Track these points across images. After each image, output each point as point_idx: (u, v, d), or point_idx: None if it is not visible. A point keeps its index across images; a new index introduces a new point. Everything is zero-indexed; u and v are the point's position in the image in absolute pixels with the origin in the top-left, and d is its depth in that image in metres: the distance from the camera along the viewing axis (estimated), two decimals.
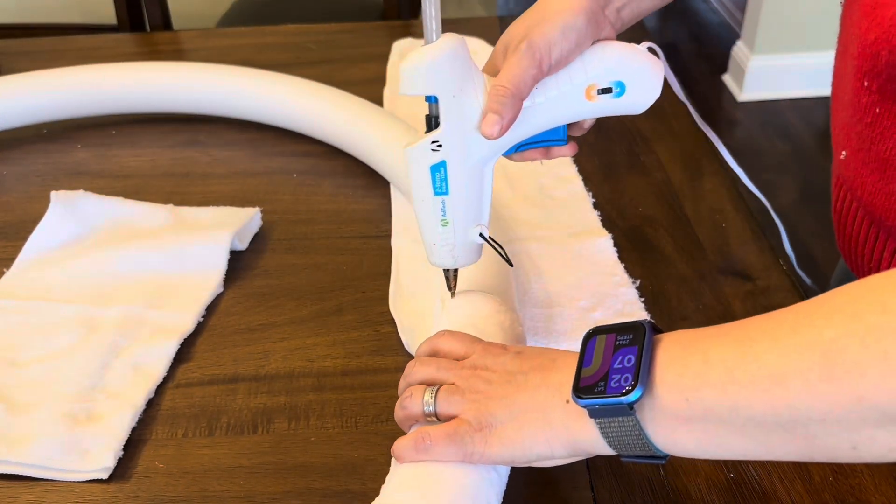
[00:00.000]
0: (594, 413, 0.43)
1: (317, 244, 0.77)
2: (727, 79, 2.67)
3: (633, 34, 0.73)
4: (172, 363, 0.64)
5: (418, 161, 0.52)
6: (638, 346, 0.43)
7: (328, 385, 0.63)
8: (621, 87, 0.53)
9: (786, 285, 0.70)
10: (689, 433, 0.42)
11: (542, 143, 0.55)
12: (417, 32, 1.19)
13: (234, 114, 0.94)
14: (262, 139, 0.94)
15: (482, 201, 0.55)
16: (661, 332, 0.45)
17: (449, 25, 1.22)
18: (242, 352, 0.66)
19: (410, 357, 0.64)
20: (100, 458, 0.56)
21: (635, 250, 0.75)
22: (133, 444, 0.58)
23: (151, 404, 0.61)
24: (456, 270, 0.58)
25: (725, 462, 0.55)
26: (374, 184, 0.85)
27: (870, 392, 0.35)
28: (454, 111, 0.51)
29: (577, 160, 0.88)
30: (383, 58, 1.08)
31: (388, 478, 0.49)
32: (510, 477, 0.51)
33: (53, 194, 0.78)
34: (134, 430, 0.59)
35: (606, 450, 0.45)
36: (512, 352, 0.50)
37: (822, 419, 0.37)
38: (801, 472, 0.54)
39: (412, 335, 0.65)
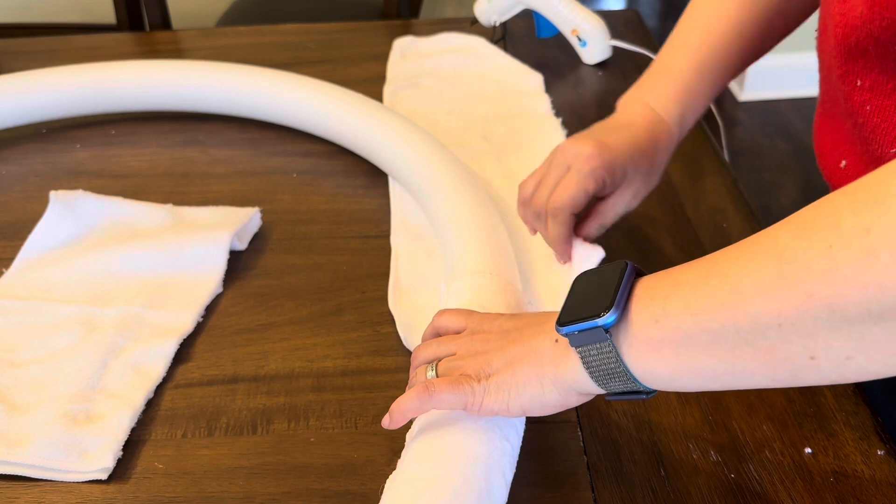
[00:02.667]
0: (574, 341, 0.46)
1: (317, 244, 0.77)
2: None
3: (633, 36, 0.73)
4: (172, 363, 0.64)
5: None
6: (616, 276, 0.46)
7: (328, 385, 0.62)
8: None
9: None
10: (662, 358, 0.43)
11: None
12: (417, 32, 1.18)
13: (234, 111, 0.94)
14: (262, 139, 0.93)
15: None
16: (644, 274, 0.47)
17: (449, 25, 1.22)
18: (242, 352, 0.66)
19: (409, 356, 0.64)
20: (99, 459, 0.56)
21: (635, 250, 0.75)
22: (132, 445, 0.58)
23: (151, 405, 0.61)
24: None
25: (726, 462, 0.55)
26: (374, 183, 0.85)
27: (818, 288, 0.36)
28: None
29: None
30: (383, 57, 1.08)
31: (402, 453, 0.51)
32: (513, 478, 0.51)
33: (53, 194, 0.77)
34: (133, 430, 0.59)
35: (590, 385, 0.47)
36: (506, 315, 0.53)
37: (778, 324, 0.38)
38: (802, 472, 0.54)
39: (410, 332, 0.65)
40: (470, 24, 1.14)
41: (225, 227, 0.75)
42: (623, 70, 1.06)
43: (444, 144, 0.81)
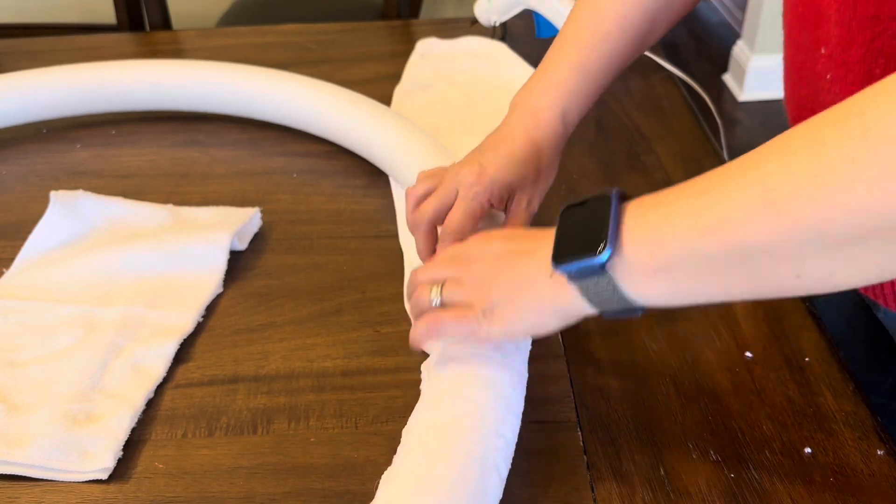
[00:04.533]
0: (572, 277, 0.48)
1: (317, 244, 0.77)
2: (727, 79, 2.67)
3: None
4: (172, 363, 0.64)
5: None
6: (606, 210, 0.47)
7: (328, 385, 0.62)
8: None
9: None
10: (658, 283, 0.46)
11: None
12: (417, 32, 1.18)
13: (235, 111, 0.94)
14: (262, 139, 0.93)
15: None
16: (629, 198, 0.48)
17: (449, 25, 1.22)
18: (242, 352, 0.66)
19: (409, 356, 0.64)
20: (99, 459, 0.56)
21: None
22: (133, 445, 0.58)
23: (151, 405, 0.61)
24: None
25: (726, 462, 0.55)
26: (375, 183, 0.85)
27: (805, 214, 0.39)
28: None
29: (577, 159, 0.88)
30: (383, 58, 1.08)
31: (398, 448, 0.52)
32: (510, 478, 0.51)
33: (53, 194, 0.77)
34: (133, 430, 0.59)
35: (589, 309, 0.49)
36: (499, 237, 0.55)
37: (766, 249, 0.41)
38: (802, 472, 0.54)
39: None
40: (470, 24, 1.14)
41: (225, 227, 0.75)
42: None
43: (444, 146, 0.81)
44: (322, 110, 0.89)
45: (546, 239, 0.51)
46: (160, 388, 0.63)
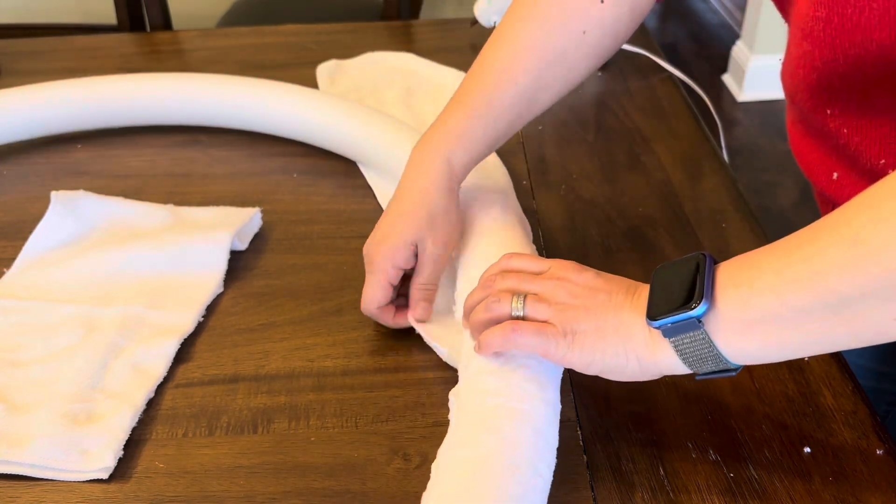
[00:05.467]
0: (668, 332, 0.48)
1: (317, 244, 0.77)
2: (727, 79, 2.67)
3: (633, 36, 0.74)
4: (172, 363, 0.64)
5: None
6: (700, 269, 0.49)
7: (328, 385, 0.63)
8: None
9: None
10: (752, 337, 0.47)
11: None
12: (417, 33, 1.19)
13: (231, 125, 0.94)
14: (262, 139, 0.94)
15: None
16: (718, 261, 0.50)
17: (449, 25, 1.22)
18: (242, 352, 0.66)
19: (409, 356, 0.64)
20: (100, 458, 0.56)
21: (635, 250, 0.75)
22: (133, 444, 0.58)
23: (151, 404, 0.61)
24: None
25: (725, 462, 0.55)
26: None
27: (894, 263, 0.40)
28: None
29: (577, 160, 0.88)
30: None
31: (429, 485, 0.50)
32: None
33: (53, 194, 0.78)
34: (134, 430, 0.59)
35: (682, 369, 0.50)
36: (592, 271, 0.54)
37: (862, 296, 0.42)
38: (801, 472, 0.54)
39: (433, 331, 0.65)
40: (470, 25, 1.14)
41: (225, 227, 0.75)
42: (622, 70, 1.06)
43: None
44: (317, 122, 0.89)
45: (641, 289, 0.52)
46: (160, 388, 0.63)
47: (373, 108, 0.87)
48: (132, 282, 0.71)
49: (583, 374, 0.62)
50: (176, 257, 0.72)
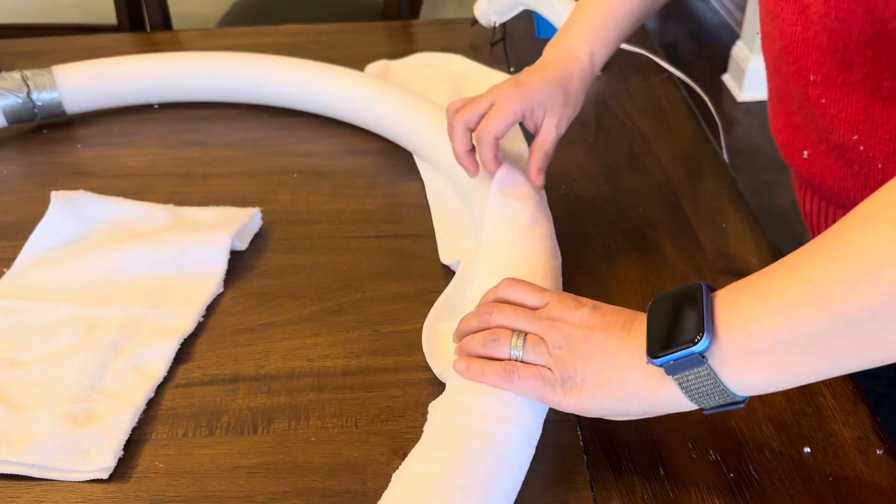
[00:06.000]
0: (670, 370, 0.47)
1: (317, 244, 0.77)
2: (727, 79, 2.67)
3: (633, 36, 0.73)
4: (172, 363, 0.64)
5: None
6: (698, 301, 0.47)
7: (328, 385, 0.63)
8: None
9: None
10: (759, 367, 0.45)
11: None
12: (417, 33, 1.19)
13: (259, 100, 0.98)
14: (262, 139, 0.94)
15: None
16: (713, 289, 0.48)
17: (449, 26, 1.22)
18: (242, 352, 0.66)
19: (409, 356, 0.64)
20: (100, 458, 0.56)
21: (635, 250, 0.75)
22: (133, 444, 0.58)
23: (151, 404, 0.61)
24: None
25: (725, 462, 0.55)
26: (375, 184, 0.85)
27: None
28: None
29: (578, 160, 0.88)
30: (383, 58, 1.08)
31: (384, 493, 0.50)
32: None
33: (53, 194, 0.78)
34: (134, 430, 0.59)
35: (687, 405, 0.49)
36: (588, 306, 0.53)
37: (872, 315, 0.40)
38: (801, 472, 0.54)
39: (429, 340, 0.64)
40: (470, 25, 1.14)
41: (225, 227, 0.75)
42: (622, 70, 1.06)
43: None
44: (351, 99, 0.92)
45: (637, 322, 0.50)
46: (161, 388, 0.63)
47: (437, 105, 0.88)
48: (132, 282, 0.71)
49: None
50: (176, 257, 0.72)
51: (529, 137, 0.80)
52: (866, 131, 0.58)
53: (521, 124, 0.72)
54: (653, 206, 0.80)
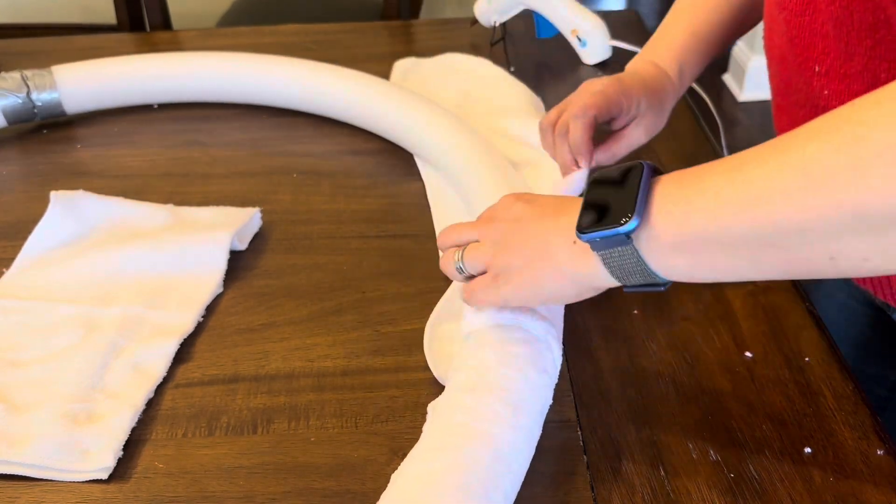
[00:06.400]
0: (595, 246, 0.48)
1: (317, 244, 0.77)
2: (727, 79, 2.67)
3: (633, 36, 0.73)
4: (172, 363, 0.64)
5: None
6: (636, 182, 0.47)
7: (328, 385, 0.63)
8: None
9: (786, 285, 0.70)
10: (684, 257, 0.46)
11: None
12: (417, 33, 1.19)
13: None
14: (262, 139, 0.94)
15: None
16: (661, 173, 0.48)
17: (449, 25, 1.22)
18: (242, 352, 0.66)
19: (409, 356, 0.64)
20: (100, 458, 0.56)
21: None
22: (133, 444, 0.58)
23: (151, 404, 0.61)
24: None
25: (725, 462, 0.55)
26: (375, 184, 0.85)
27: (845, 197, 0.38)
28: None
29: None
30: (383, 58, 1.08)
31: (383, 495, 0.50)
32: None
33: (53, 194, 0.78)
34: (134, 430, 0.59)
35: (610, 281, 0.50)
36: (524, 199, 0.55)
37: (802, 229, 0.40)
38: (802, 472, 0.54)
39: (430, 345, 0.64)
40: (470, 25, 1.14)
41: (225, 227, 0.75)
42: (622, 70, 1.06)
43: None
44: (349, 96, 0.92)
45: (571, 206, 0.51)
46: (160, 388, 0.63)
47: (439, 106, 0.88)
48: (132, 282, 0.71)
49: (582, 375, 0.62)
50: (176, 257, 0.72)
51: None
52: None
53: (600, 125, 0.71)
54: None
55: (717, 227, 0.43)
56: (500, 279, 0.53)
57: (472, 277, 0.57)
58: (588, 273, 0.50)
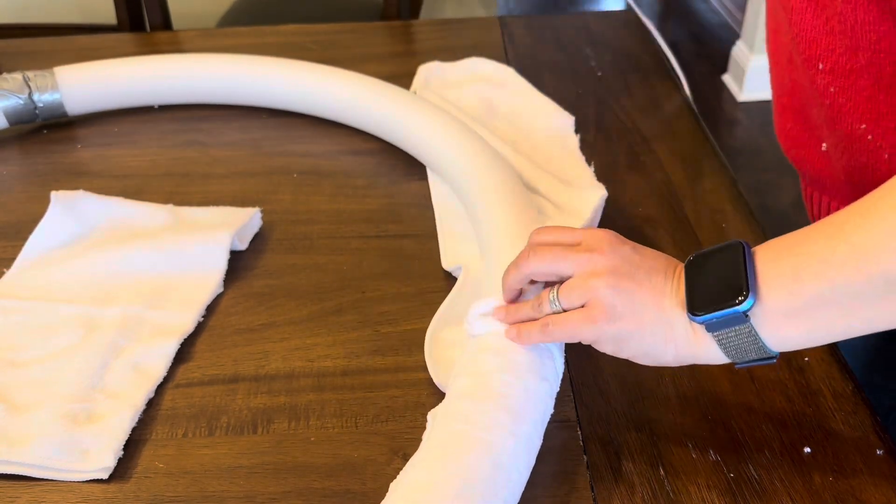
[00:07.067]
0: (711, 327, 0.48)
1: (317, 244, 0.77)
2: (727, 79, 2.67)
3: (633, 36, 0.73)
4: (172, 363, 0.64)
5: None
6: (739, 259, 0.48)
7: (328, 385, 0.63)
8: None
9: None
10: (797, 324, 0.47)
11: None
12: (417, 33, 1.19)
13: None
14: (262, 139, 0.94)
15: None
16: (751, 246, 0.49)
17: (449, 25, 1.22)
18: (242, 352, 0.66)
19: (409, 356, 0.64)
20: (100, 458, 0.56)
21: None
22: (133, 444, 0.58)
23: (151, 404, 0.61)
24: None
25: (725, 462, 0.55)
26: (375, 184, 0.85)
27: None
28: None
29: None
30: (383, 58, 1.08)
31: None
32: None
33: (53, 194, 0.78)
34: (134, 430, 0.59)
35: (722, 359, 0.50)
36: (630, 245, 0.52)
37: None
38: (801, 471, 0.54)
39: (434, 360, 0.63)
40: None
41: (225, 227, 0.75)
42: (622, 70, 1.06)
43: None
44: (370, 109, 0.90)
45: (679, 271, 0.50)
46: (160, 388, 0.63)
47: (444, 112, 0.86)
48: (132, 282, 0.71)
49: (583, 375, 0.62)
50: (176, 257, 0.72)
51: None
52: (873, 120, 0.59)
53: None
54: (653, 206, 0.80)
55: (828, 289, 0.44)
56: (605, 314, 0.49)
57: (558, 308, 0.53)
58: (699, 352, 0.50)
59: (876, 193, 0.44)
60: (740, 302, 0.46)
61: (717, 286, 0.47)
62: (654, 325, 0.49)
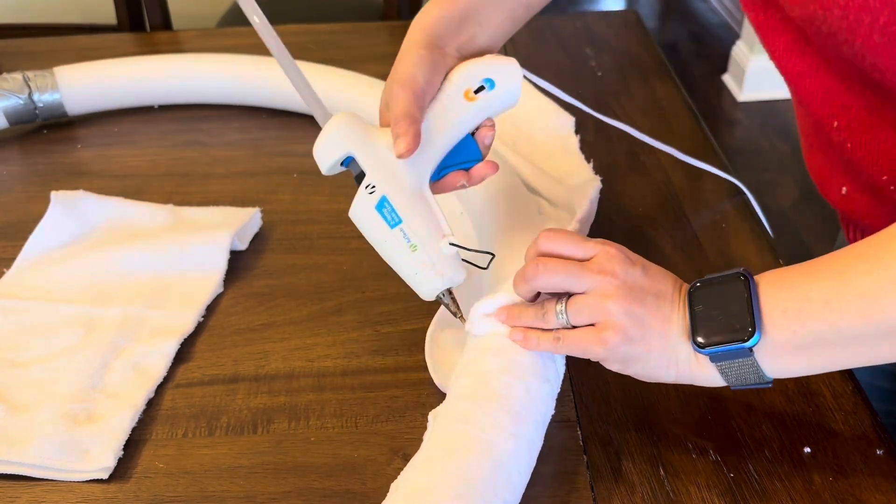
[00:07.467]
0: (715, 358, 0.50)
1: (317, 244, 0.77)
2: (727, 79, 2.67)
3: (633, 36, 0.73)
4: (172, 363, 0.64)
5: (364, 209, 0.56)
6: (745, 294, 0.49)
7: (328, 385, 0.63)
8: (490, 83, 0.58)
9: None
10: (799, 359, 0.48)
11: (460, 165, 0.59)
12: None
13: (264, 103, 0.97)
14: (262, 139, 0.94)
15: (435, 216, 0.57)
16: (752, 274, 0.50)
17: None
18: (242, 352, 0.66)
19: (410, 356, 0.64)
20: (100, 458, 0.56)
21: (635, 250, 0.75)
22: (133, 444, 0.58)
23: (151, 404, 0.61)
24: (451, 292, 0.58)
25: (725, 462, 0.55)
26: None
27: None
28: (370, 156, 0.57)
29: None
30: (383, 57, 1.08)
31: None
32: None
33: (53, 194, 0.78)
34: (134, 430, 0.59)
35: (720, 384, 0.52)
36: (640, 266, 0.53)
37: None
38: (801, 471, 0.54)
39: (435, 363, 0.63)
40: None
41: (225, 227, 0.75)
42: (622, 70, 1.06)
43: None
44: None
45: (682, 295, 0.52)
46: (160, 388, 0.63)
47: None
48: (132, 282, 0.71)
49: (583, 375, 0.62)
50: (176, 257, 0.72)
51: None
52: (895, 170, 0.58)
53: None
54: (653, 206, 0.80)
55: (831, 331, 0.46)
56: (615, 336, 0.50)
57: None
58: (698, 377, 0.52)
59: (884, 237, 0.45)
60: (746, 339, 0.48)
61: (723, 319, 0.49)
62: (661, 350, 0.51)
